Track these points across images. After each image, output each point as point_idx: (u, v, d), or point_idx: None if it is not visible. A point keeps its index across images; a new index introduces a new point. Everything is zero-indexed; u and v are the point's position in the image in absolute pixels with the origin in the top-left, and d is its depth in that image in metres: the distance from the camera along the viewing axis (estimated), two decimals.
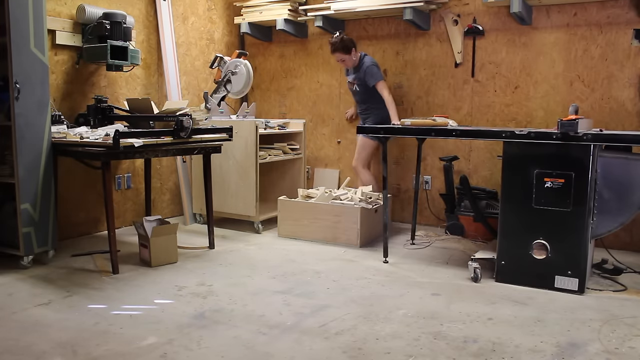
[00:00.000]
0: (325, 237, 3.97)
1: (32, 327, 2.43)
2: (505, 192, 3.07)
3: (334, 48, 4.28)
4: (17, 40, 3.06)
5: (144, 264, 3.39)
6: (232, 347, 2.25)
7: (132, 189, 4.46)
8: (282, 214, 4.14)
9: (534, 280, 3.00)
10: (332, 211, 3.94)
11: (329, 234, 3.96)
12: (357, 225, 3.85)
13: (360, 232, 3.85)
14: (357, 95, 4.47)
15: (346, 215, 3.89)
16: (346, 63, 4.35)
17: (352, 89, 4.48)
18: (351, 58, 4.30)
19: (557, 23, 4.02)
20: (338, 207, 3.93)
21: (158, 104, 4.44)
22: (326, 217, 3.95)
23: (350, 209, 3.87)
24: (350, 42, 4.28)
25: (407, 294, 2.93)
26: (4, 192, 3.31)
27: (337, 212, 3.92)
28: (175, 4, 4.70)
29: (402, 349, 2.24)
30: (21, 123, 3.12)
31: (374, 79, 4.28)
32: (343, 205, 3.93)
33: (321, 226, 3.98)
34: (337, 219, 3.91)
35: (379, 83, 4.28)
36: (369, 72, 4.29)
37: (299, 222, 4.06)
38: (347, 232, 3.89)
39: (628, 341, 2.34)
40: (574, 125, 2.82)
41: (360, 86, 4.37)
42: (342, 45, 4.25)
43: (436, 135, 3.29)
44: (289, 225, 4.12)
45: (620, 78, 3.84)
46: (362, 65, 4.33)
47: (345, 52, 4.27)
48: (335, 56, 4.34)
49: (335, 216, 3.92)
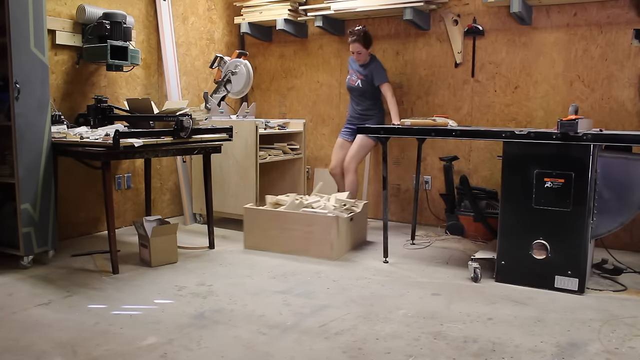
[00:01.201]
0: (295, 249, 3.61)
1: (32, 327, 2.43)
2: (505, 192, 3.07)
3: (356, 38, 4.20)
4: (17, 40, 3.06)
5: (144, 264, 3.39)
6: (232, 347, 2.25)
7: (132, 189, 4.46)
8: (249, 223, 3.77)
9: (534, 280, 3.00)
10: (303, 220, 3.59)
11: (300, 246, 3.60)
12: (331, 236, 3.52)
13: (334, 244, 3.54)
14: (357, 91, 4.38)
15: (319, 225, 3.54)
16: (361, 56, 4.28)
17: (353, 85, 4.38)
18: (367, 54, 4.27)
19: (557, 23, 4.02)
20: (310, 216, 3.58)
21: (158, 104, 4.44)
22: (297, 227, 3.60)
23: (323, 218, 3.54)
24: (371, 38, 4.28)
25: (407, 294, 2.93)
26: (4, 192, 3.31)
27: (309, 221, 3.58)
28: (175, 4, 4.70)
29: (402, 349, 2.24)
30: (21, 123, 3.12)
31: (382, 79, 4.28)
32: (315, 214, 3.59)
33: (291, 237, 3.62)
34: (309, 229, 3.57)
35: (386, 84, 4.27)
36: (378, 71, 4.29)
37: (266, 232, 3.70)
38: (320, 243, 3.55)
39: (628, 341, 2.34)
40: (574, 125, 2.82)
41: (363, 82, 4.32)
42: (364, 38, 4.21)
43: (436, 135, 3.29)
44: (255, 236, 3.75)
45: (620, 78, 3.84)
46: (371, 63, 4.32)
47: (364, 46, 4.23)
48: (354, 46, 4.25)
49: (307, 226, 3.57)
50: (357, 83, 4.36)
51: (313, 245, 3.57)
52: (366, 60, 4.31)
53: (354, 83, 4.38)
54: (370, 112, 4.39)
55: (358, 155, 4.40)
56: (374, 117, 4.38)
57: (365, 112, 4.41)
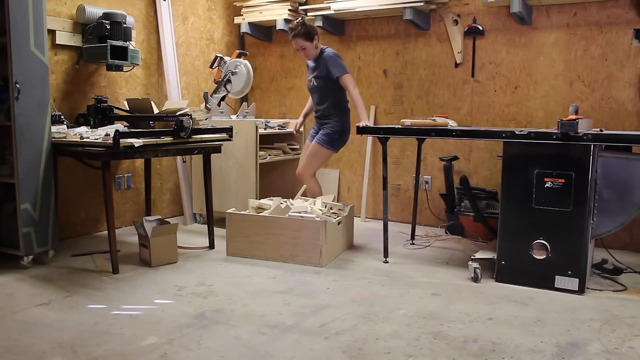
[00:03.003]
0: (281, 255, 3.45)
1: (32, 327, 2.43)
2: (505, 192, 3.07)
3: (294, 33, 3.76)
4: (17, 40, 3.06)
5: (144, 264, 3.39)
6: (232, 347, 2.25)
7: (132, 189, 4.46)
8: (232, 229, 3.58)
9: (534, 280, 3.00)
10: (290, 225, 3.41)
11: (286, 252, 3.44)
12: (319, 242, 3.35)
13: (323, 249, 3.38)
14: (315, 92, 3.94)
15: (307, 230, 3.38)
16: (307, 52, 3.81)
17: (309, 85, 3.98)
18: (313, 47, 3.79)
19: (557, 23, 4.02)
20: (297, 221, 3.40)
21: (158, 104, 4.44)
22: (283, 233, 3.43)
23: (311, 222, 3.37)
24: (312, 29, 3.79)
25: (407, 294, 2.93)
26: (4, 192, 3.31)
27: (296, 226, 3.40)
28: (175, 4, 4.70)
29: (402, 349, 2.24)
30: (21, 123, 3.12)
31: (339, 70, 3.78)
32: (302, 218, 3.42)
33: (277, 243, 3.45)
34: (296, 235, 3.40)
35: (345, 76, 3.77)
36: (332, 62, 3.79)
37: (250, 238, 3.52)
38: (308, 249, 3.38)
39: (628, 341, 2.34)
40: (574, 125, 2.82)
41: (319, 80, 3.86)
42: (304, 31, 3.74)
43: (436, 135, 3.29)
44: (239, 242, 3.56)
45: (620, 78, 3.84)
46: (322, 57, 3.84)
47: (307, 39, 3.76)
48: (295, 43, 3.80)
49: (293, 231, 3.41)
50: (311, 83, 3.93)
51: (299, 251, 3.41)
52: (315, 54, 3.85)
53: (310, 83, 3.96)
54: (329, 114, 3.92)
55: (310, 164, 3.97)
56: (332, 120, 3.91)
57: (325, 114, 3.94)
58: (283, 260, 3.45)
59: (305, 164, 3.98)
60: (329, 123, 3.91)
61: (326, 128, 3.92)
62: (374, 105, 4.78)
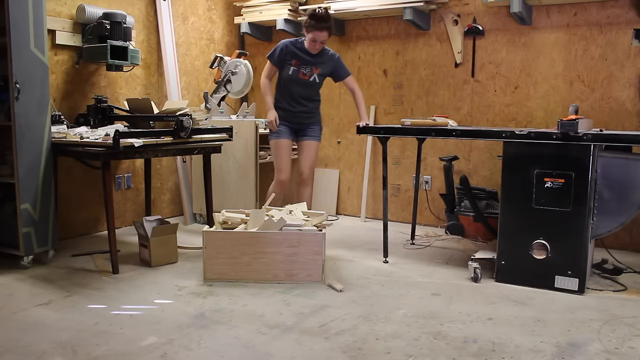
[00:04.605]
0: (276, 275, 3.05)
1: (32, 327, 2.43)
2: (505, 192, 3.07)
3: (327, 26, 3.54)
4: (17, 40, 3.06)
5: (144, 264, 3.39)
6: (232, 347, 2.25)
7: (132, 189, 4.46)
8: (210, 250, 3.05)
9: (534, 280, 3.00)
10: (286, 241, 3.03)
11: (281, 271, 3.05)
12: (321, 257, 3.04)
13: (325, 265, 3.08)
14: (310, 87, 3.77)
15: (306, 245, 3.03)
16: (321, 46, 3.66)
17: (306, 79, 3.73)
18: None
19: (557, 23, 4.02)
20: (295, 235, 3.03)
21: (158, 104, 4.44)
22: (277, 250, 3.03)
23: (312, 235, 3.03)
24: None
25: (407, 294, 2.93)
26: (4, 192, 3.31)
27: (294, 241, 3.03)
28: (175, 4, 4.70)
29: (402, 349, 2.24)
30: (21, 123, 3.12)
31: (347, 71, 3.81)
32: (301, 231, 3.06)
33: (270, 261, 3.05)
34: (294, 251, 3.03)
35: (351, 77, 3.82)
36: (342, 63, 3.80)
37: (236, 259, 3.05)
38: (308, 266, 3.05)
39: (628, 341, 2.34)
40: (574, 125, 2.82)
41: (321, 77, 3.76)
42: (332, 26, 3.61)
43: (436, 135, 3.29)
44: (219, 265, 3.06)
45: (620, 78, 3.84)
46: (329, 55, 3.75)
47: (330, 34, 3.63)
48: (321, 35, 3.55)
49: (290, 247, 3.03)
50: (312, 78, 3.74)
51: (298, 268, 3.06)
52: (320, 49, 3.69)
53: (308, 77, 3.73)
54: (316, 111, 3.88)
55: (314, 167, 3.88)
56: (317, 116, 3.90)
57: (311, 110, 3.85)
58: (277, 281, 3.06)
59: (311, 165, 3.86)
60: (314, 118, 3.89)
61: (314, 124, 3.89)
62: (374, 105, 4.78)
